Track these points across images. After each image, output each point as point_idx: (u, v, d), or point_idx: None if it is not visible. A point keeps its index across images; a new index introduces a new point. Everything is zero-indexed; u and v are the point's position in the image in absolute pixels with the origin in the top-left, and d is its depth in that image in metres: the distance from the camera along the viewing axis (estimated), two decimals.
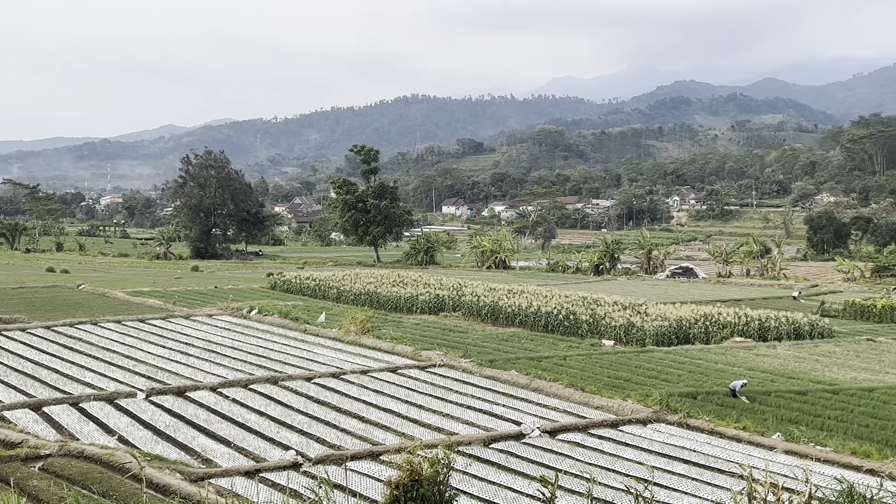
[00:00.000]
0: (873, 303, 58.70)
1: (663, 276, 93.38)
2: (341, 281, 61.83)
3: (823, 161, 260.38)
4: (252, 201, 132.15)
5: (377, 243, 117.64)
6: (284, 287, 65.52)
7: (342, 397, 28.00)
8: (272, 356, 35.13)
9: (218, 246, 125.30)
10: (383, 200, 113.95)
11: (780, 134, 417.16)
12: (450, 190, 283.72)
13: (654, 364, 34.92)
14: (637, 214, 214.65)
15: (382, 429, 24.25)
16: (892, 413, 27.23)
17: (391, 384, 30.13)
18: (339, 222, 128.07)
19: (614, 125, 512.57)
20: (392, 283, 59.57)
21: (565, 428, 24.77)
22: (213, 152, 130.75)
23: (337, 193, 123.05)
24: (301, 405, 26.73)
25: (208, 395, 27.81)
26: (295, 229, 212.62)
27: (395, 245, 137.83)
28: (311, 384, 29.81)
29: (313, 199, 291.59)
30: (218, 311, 48.83)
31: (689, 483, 19.78)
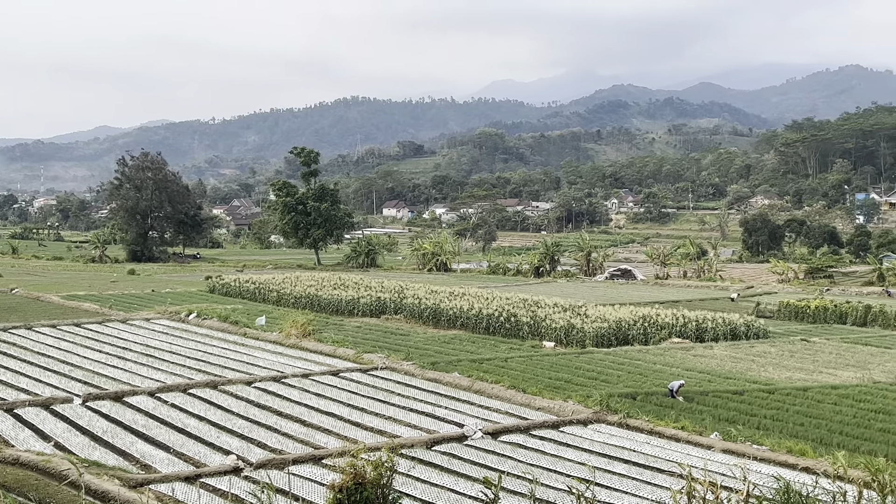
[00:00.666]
0: (807, 304, 59.89)
1: (602, 278, 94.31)
2: (281, 284, 61.39)
3: (758, 164, 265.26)
4: (190, 203, 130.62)
5: (318, 246, 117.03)
6: (223, 290, 64.86)
7: (283, 401, 27.81)
8: (212, 360, 34.77)
9: (155, 249, 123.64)
10: (324, 203, 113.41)
11: (715, 137, 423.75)
12: (390, 192, 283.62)
13: (595, 365, 35.25)
14: (576, 217, 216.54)
15: (324, 432, 24.13)
16: (827, 412, 27.81)
17: (333, 387, 30.00)
18: (278, 225, 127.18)
19: (554, 128, 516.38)
20: (333, 285, 59.30)
21: (507, 429, 24.89)
22: (149, 154, 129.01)
23: (277, 196, 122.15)
24: (241, 409, 26.50)
25: (147, 400, 27.43)
26: (233, 232, 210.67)
27: (336, 248, 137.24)
28: (252, 388, 29.57)
29: (252, 202, 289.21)
30: (156, 315, 48.21)
31: (629, 483, 20.00)
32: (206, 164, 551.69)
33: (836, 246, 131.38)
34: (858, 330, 53.47)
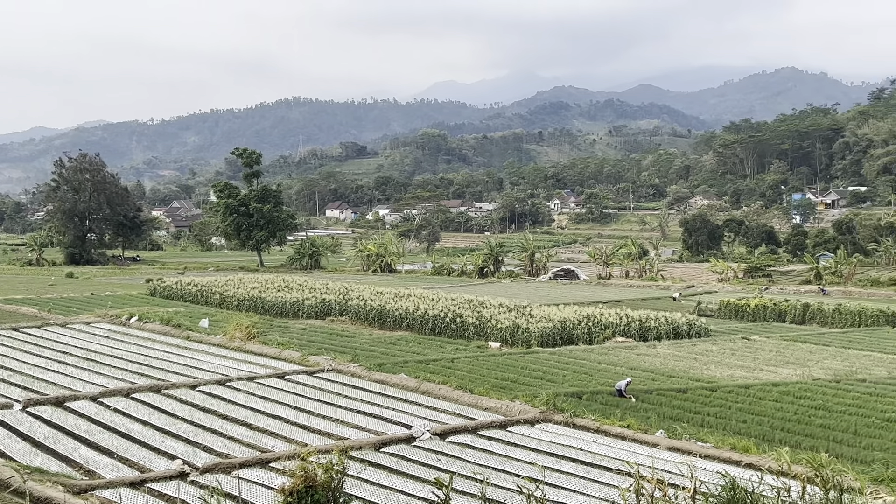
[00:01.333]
0: (747, 302, 60.90)
1: (546, 278, 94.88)
2: (224, 286, 60.78)
3: (697, 165, 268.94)
4: (129, 205, 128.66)
5: (260, 248, 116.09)
6: (165, 293, 64.07)
7: (229, 405, 27.54)
8: (154, 364, 34.31)
9: (93, 251, 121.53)
10: (266, 204, 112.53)
11: (655, 139, 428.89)
12: (333, 194, 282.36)
13: (540, 365, 35.45)
14: (519, 217, 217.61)
15: (271, 436, 23.94)
16: (768, 409, 28.28)
17: (279, 390, 29.79)
18: (220, 226, 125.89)
19: (496, 129, 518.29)
20: (277, 287, 58.88)
21: (455, 430, 24.92)
22: (87, 155, 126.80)
23: (218, 197, 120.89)
24: (186, 413, 26.19)
25: (89, 405, 26.98)
26: (173, 234, 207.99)
27: (279, 249, 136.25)
28: (196, 392, 29.24)
29: (192, 203, 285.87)
30: (96, 319, 47.46)
31: (577, 481, 20.14)
32: (144, 165, 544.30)
33: (774, 245, 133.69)
34: (797, 328, 54.54)
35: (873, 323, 55.10)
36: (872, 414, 27.50)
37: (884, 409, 28.25)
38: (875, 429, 25.76)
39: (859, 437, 24.86)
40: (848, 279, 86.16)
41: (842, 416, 27.19)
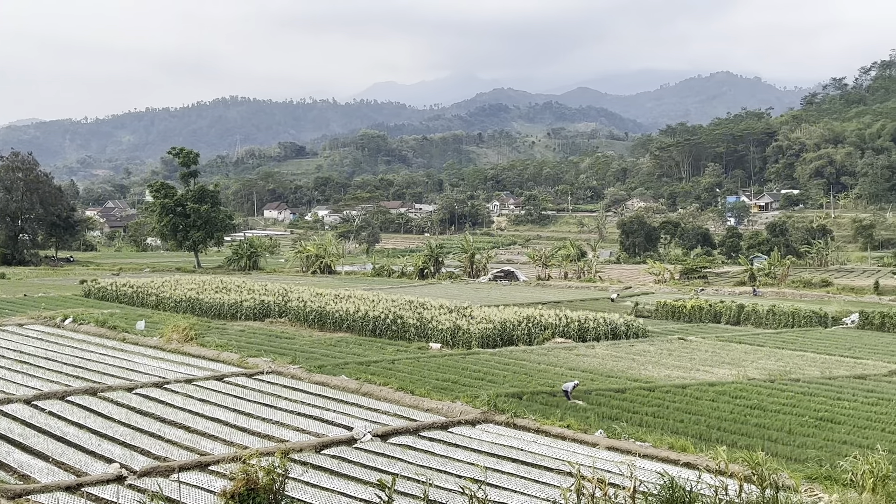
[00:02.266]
0: (683, 303, 61.77)
1: (486, 279, 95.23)
2: (161, 287, 59.97)
3: (634, 168, 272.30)
4: (62, 205, 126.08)
5: (197, 248, 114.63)
6: (100, 294, 63.03)
7: (166, 407, 27.18)
8: (90, 366, 33.71)
9: (26, 252, 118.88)
10: (204, 204, 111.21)
11: (593, 141, 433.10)
12: (272, 194, 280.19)
13: (481, 366, 35.57)
14: (459, 219, 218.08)
15: (210, 438, 23.68)
16: (705, 408, 28.70)
17: (218, 393, 29.47)
18: (156, 227, 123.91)
19: (436, 131, 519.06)
20: (215, 289, 58.25)
21: (397, 431, 24.89)
22: (20, 154, 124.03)
23: (154, 197, 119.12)
24: (123, 416, 25.78)
25: (22, 409, 26.43)
26: (108, 234, 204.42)
27: (217, 250, 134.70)
28: (133, 395, 28.81)
29: (127, 203, 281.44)
30: (29, 321, 46.50)
31: (518, 482, 20.23)
32: (78, 164, 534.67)
33: (710, 247, 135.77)
34: (732, 328, 55.48)
35: (806, 323, 56.26)
36: (806, 413, 28.06)
37: (817, 408, 28.85)
38: (809, 428, 26.28)
39: (794, 436, 25.35)
40: (781, 281, 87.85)
41: (776, 416, 27.71)
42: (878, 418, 27.71)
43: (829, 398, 30.72)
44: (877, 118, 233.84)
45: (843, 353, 42.51)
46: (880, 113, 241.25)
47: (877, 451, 18.59)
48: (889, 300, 72.23)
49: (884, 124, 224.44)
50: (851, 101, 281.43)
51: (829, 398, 30.72)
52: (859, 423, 26.94)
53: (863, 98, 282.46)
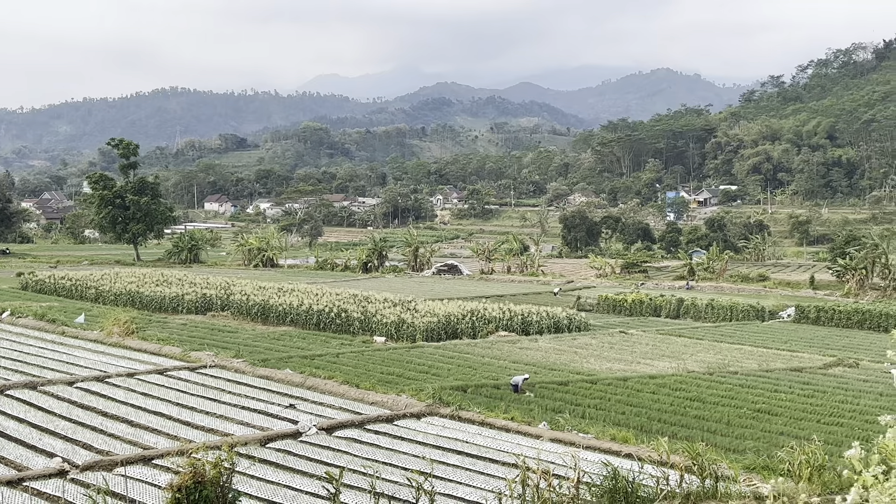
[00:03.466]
0: (624, 297, 62.55)
1: (430, 273, 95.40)
2: (100, 280, 59.21)
3: (576, 163, 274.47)
4: None
5: (137, 241, 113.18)
6: (37, 287, 62.03)
7: (108, 401, 26.85)
8: (29, 360, 33.13)
9: None
10: (143, 197, 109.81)
11: (535, 136, 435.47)
12: (212, 186, 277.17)
13: (425, 359, 35.73)
14: (402, 213, 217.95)
15: (153, 432, 23.46)
16: (646, 400, 29.17)
17: (160, 386, 29.18)
18: (95, 219, 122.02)
19: (379, 124, 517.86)
20: (155, 282, 57.66)
21: (342, 424, 24.89)
22: None
23: (93, 189, 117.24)
24: (64, 410, 25.42)
25: None
26: (44, 226, 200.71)
27: (156, 243, 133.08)
28: (74, 388, 28.41)
29: (64, 195, 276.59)
30: None
31: (464, 473, 20.38)
32: (13, 154, 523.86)
33: (650, 242, 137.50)
34: (672, 322, 56.35)
35: (744, 317, 57.35)
36: (744, 405, 28.66)
37: (755, 400, 29.48)
38: (747, 419, 26.86)
39: (732, 427, 25.89)
40: (720, 275, 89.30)
41: (715, 407, 28.26)
42: (813, 410, 28.40)
43: (766, 390, 31.40)
44: (813, 115, 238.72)
45: (780, 347, 43.46)
46: (816, 110, 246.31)
47: (813, 442, 19.05)
48: (824, 294, 73.86)
49: (819, 121, 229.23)
50: (788, 98, 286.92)
51: (766, 390, 31.40)
52: (796, 415, 27.59)
53: (799, 96, 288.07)
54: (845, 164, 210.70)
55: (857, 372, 36.53)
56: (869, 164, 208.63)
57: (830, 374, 36.01)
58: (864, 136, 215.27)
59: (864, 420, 26.99)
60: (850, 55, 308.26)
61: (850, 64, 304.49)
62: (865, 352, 42.64)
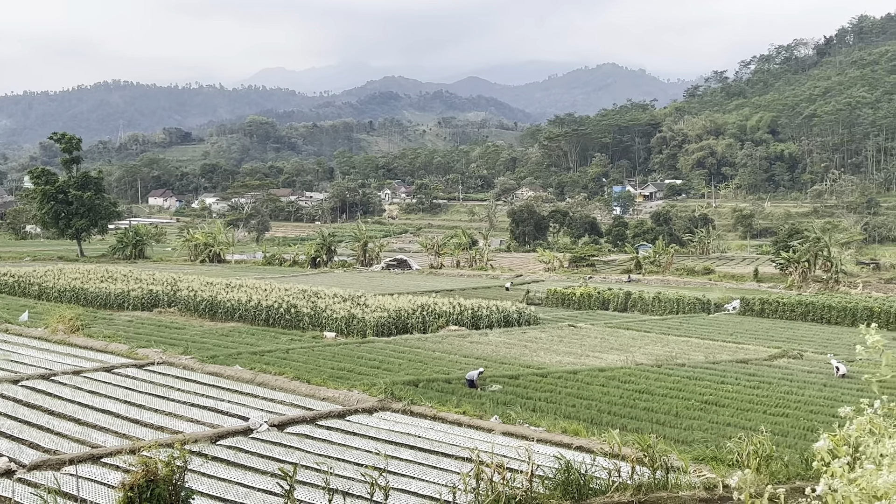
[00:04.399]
0: (573, 291, 62.99)
1: (379, 268, 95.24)
2: (43, 277, 58.25)
3: (523, 157, 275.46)
4: None
5: (80, 237, 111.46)
6: None
7: (54, 399, 26.44)
8: None
9: None
10: (87, 191, 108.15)
11: (483, 131, 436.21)
12: (157, 181, 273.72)
13: (376, 354, 35.68)
14: (350, 207, 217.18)
15: (101, 431, 23.16)
16: (596, 393, 29.41)
17: (107, 384, 28.81)
18: (37, 214, 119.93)
19: (326, 118, 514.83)
20: (100, 278, 56.86)
21: (293, 420, 24.78)
22: None
23: (35, 183, 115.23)
24: (9, 409, 24.98)
25: None
26: None
27: (100, 239, 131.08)
28: (19, 387, 27.93)
29: (4, 190, 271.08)
30: None
31: (417, 468, 20.40)
32: None
33: (597, 236, 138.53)
34: (620, 315, 56.86)
35: (690, 310, 58.07)
36: (692, 396, 29.03)
37: (702, 391, 29.87)
38: (695, 411, 27.21)
39: (681, 419, 26.21)
40: (666, 268, 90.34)
41: (664, 399, 28.58)
42: (759, 401, 28.85)
43: (713, 382, 31.83)
44: (756, 110, 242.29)
45: (726, 339, 44.08)
46: (759, 105, 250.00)
47: (760, 433, 19.38)
48: (768, 287, 75.07)
49: (762, 116, 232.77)
50: (732, 93, 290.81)
51: (713, 382, 31.83)
52: (742, 406, 28.01)
53: (743, 91, 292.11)
54: (787, 158, 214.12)
55: (802, 363, 37.17)
56: (810, 159, 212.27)
57: (775, 365, 36.60)
58: (805, 131, 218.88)
59: (809, 411, 27.51)
60: (792, 51, 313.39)
61: (791, 60, 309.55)
62: (809, 343, 43.41)
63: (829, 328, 51.73)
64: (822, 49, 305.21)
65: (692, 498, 16.84)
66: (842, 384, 31.78)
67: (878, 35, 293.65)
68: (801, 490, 5.96)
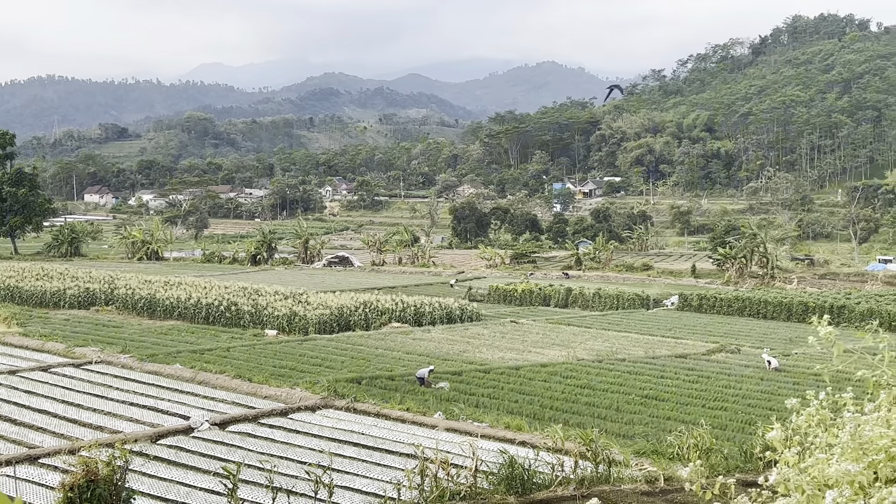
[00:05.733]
0: (514, 287, 63.28)
1: (320, 265, 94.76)
2: None
3: (464, 154, 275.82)
4: None
5: (14, 234, 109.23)
6: None
7: None
8: None
9: None
10: (21, 188, 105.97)
11: (424, 128, 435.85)
12: (93, 177, 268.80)
13: (319, 352, 35.54)
14: (291, 204, 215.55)
15: (39, 431, 22.75)
16: (537, 389, 29.62)
17: (44, 384, 28.31)
18: None
19: (265, 114, 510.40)
20: (35, 276, 55.80)
21: (235, 419, 24.59)
22: None
23: None
24: None
25: None
26: None
27: (35, 236, 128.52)
28: None
29: None
30: None
31: (362, 465, 20.38)
32: None
33: (538, 232, 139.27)
34: (561, 311, 57.29)
35: (630, 306, 58.72)
36: (632, 391, 29.38)
37: (642, 386, 30.25)
38: (635, 405, 27.54)
39: (622, 413, 26.50)
40: (605, 265, 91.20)
41: (605, 394, 28.89)
42: (698, 395, 29.29)
43: (653, 377, 32.25)
44: (693, 108, 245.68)
45: (665, 334, 44.68)
46: (696, 103, 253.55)
47: (700, 426, 19.70)
48: (705, 283, 76.19)
49: (699, 115, 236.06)
50: (669, 92, 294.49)
51: (653, 377, 32.25)
52: (682, 400, 28.42)
53: (680, 89, 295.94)
54: (724, 155, 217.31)
55: (739, 357, 37.81)
56: (746, 156, 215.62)
57: (713, 360, 37.19)
58: (741, 129, 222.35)
59: (747, 404, 28.00)
60: (728, 50, 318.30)
61: (728, 59, 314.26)
62: (746, 338, 44.18)
63: (766, 323, 52.72)
64: (757, 48, 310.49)
65: (634, 491, 17.08)
66: (778, 378, 32.41)
67: (811, 35, 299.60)
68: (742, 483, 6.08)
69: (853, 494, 4.69)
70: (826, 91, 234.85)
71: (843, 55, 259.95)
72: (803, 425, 5.46)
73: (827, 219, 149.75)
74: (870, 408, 5.48)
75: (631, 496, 16.67)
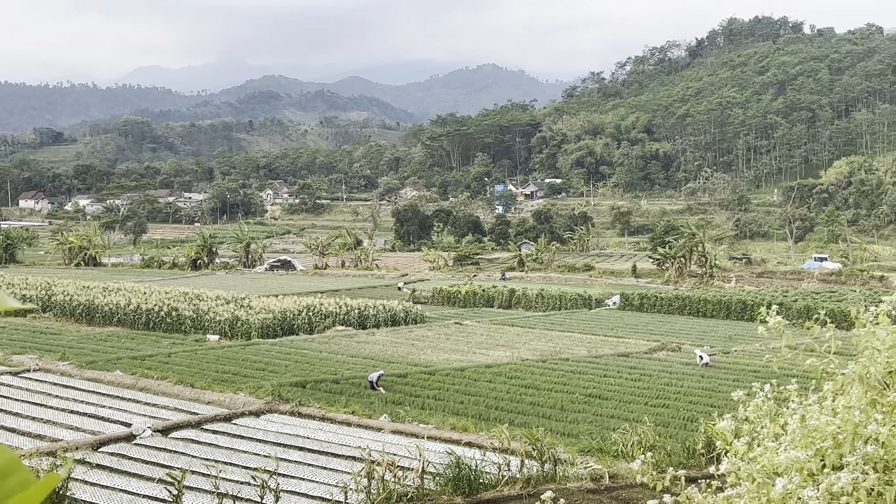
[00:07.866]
0: (458, 289, 63.45)
1: (262, 269, 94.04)
2: None
3: (406, 157, 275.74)
4: None
5: None
6: None
7: None
8: None
9: None
10: None
11: (365, 130, 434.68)
12: (27, 183, 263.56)
13: (262, 356, 35.28)
14: (231, 208, 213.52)
15: None
16: (482, 389, 29.74)
17: None
18: None
19: (204, 118, 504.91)
20: None
21: (178, 425, 24.30)
22: None
23: None
24: None
25: None
26: None
27: None
28: None
29: None
30: None
31: (308, 469, 20.28)
32: None
33: (480, 234, 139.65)
34: (504, 312, 57.56)
35: (572, 306, 59.18)
36: (576, 390, 29.63)
37: (586, 385, 30.52)
38: (580, 404, 27.77)
39: (566, 412, 26.72)
40: (548, 266, 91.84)
41: (549, 394, 29.10)
42: (641, 393, 29.63)
43: (596, 376, 32.55)
44: (631, 110, 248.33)
45: (608, 333, 45.13)
46: (635, 105, 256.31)
47: (644, 423, 19.93)
48: (646, 282, 77.10)
49: (638, 116, 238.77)
50: (608, 94, 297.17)
51: (596, 376, 32.55)
52: (625, 398, 28.72)
53: (619, 91, 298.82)
54: (662, 157, 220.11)
55: (680, 356, 38.33)
56: (684, 158, 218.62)
57: (655, 358, 37.65)
58: (679, 131, 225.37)
59: (689, 401, 28.39)
60: (665, 52, 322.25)
61: (665, 61, 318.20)
62: (686, 336, 44.79)
63: (706, 321, 53.49)
64: (693, 51, 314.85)
65: (580, 489, 17.21)
66: (718, 374, 32.92)
67: (746, 37, 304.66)
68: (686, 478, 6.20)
69: (802, 481, 4.80)
70: (761, 92, 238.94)
71: (777, 57, 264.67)
72: (751, 416, 5.58)
73: (763, 218, 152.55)
74: (814, 398, 5.62)
75: (577, 494, 16.79)
